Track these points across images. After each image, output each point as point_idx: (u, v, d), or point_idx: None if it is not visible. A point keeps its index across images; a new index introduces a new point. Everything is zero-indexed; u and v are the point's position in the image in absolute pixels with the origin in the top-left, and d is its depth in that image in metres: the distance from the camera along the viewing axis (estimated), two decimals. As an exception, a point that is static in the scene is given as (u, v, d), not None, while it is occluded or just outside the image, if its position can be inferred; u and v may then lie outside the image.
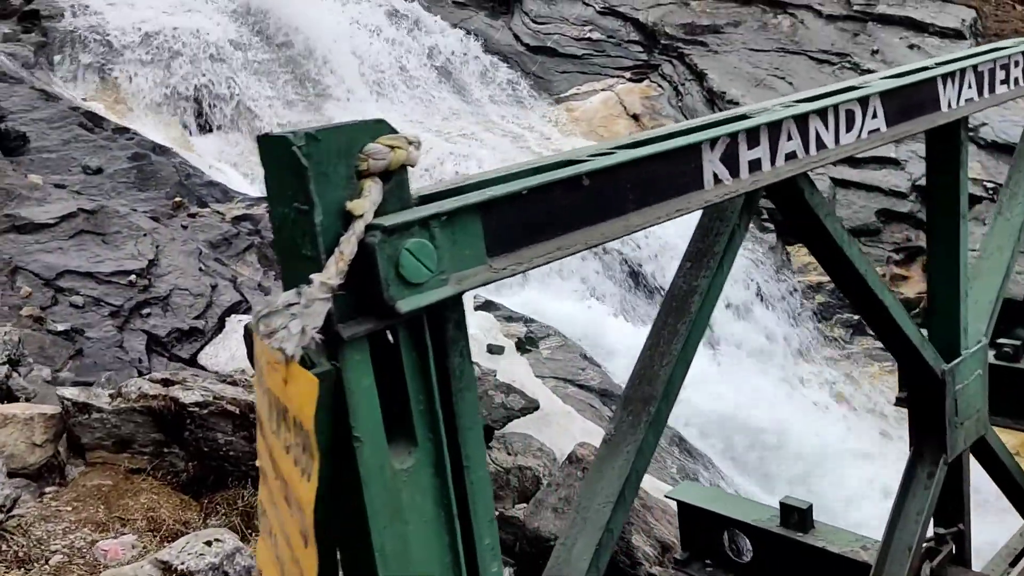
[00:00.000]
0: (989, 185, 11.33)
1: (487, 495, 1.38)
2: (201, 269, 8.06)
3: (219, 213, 9.18)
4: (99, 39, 11.81)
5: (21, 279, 7.31)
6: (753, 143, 1.74)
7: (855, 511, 7.87)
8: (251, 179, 10.59)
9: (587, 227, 1.45)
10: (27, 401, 5.06)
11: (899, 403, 2.92)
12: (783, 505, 2.98)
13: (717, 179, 1.67)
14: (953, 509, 2.79)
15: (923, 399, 2.61)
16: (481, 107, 13.87)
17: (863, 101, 2.02)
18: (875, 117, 2.05)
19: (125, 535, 4.03)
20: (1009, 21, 14.25)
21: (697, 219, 1.97)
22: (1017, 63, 2.61)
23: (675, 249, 10.11)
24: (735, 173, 1.71)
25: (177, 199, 9.17)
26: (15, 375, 5.29)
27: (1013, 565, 3.10)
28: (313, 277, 1.14)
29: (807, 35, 14.26)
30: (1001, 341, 3.24)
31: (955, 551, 2.80)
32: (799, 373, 10.51)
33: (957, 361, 2.58)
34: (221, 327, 7.66)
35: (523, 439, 6.00)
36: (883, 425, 9.81)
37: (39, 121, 9.67)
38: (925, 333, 2.56)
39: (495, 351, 7.97)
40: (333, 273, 1.14)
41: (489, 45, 14.93)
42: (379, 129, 1.22)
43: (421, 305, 1.22)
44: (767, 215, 11.51)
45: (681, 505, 3.23)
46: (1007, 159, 10.78)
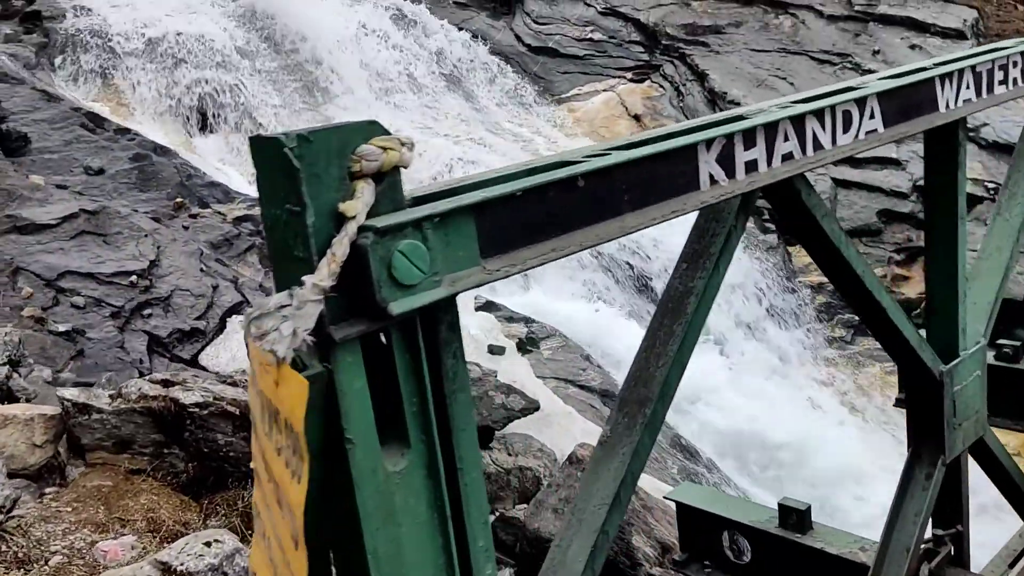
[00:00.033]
0: (990, 185, 11.31)
1: (481, 497, 1.37)
2: (202, 270, 8.07)
3: (220, 214, 9.19)
4: (101, 44, 11.81)
5: (22, 280, 7.32)
6: (749, 144, 1.74)
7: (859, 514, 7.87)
8: (252, 180, 10.55)
9: (582, 228, 1.44)
10: (27, 402, 5.07)
11: (898, 404, 2.91)
12: (781, 506, 2.98)
13: (713, 180, 1.66)
14: (951, 510, 2.79)
15: (921, 400, 2.60)
16: (489, 113, 13.85)
17: (860, 102, 2.01)
18: (872, 118, 2.05)
19: (125, 536, 4.03)
20: (1011, 21, 14.22)
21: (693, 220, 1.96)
22: (1016, 63, 2.60)
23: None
24: (731, 174, 1.70)
25: (178, 200, 9.18)
26: (16, 376, 5.30)
27: (1012, 566, 3.09)
28: (305, 279, 1.13)
29: (808, 35, 14.25)
30: (1000, 342, 3.23)
31: (953, 552, 2.79)
32: (804, 375, 10.48)
33: (956, 362, 2.57)
34: (222, 328, 7.67)
35: (524, 440, 6.00)
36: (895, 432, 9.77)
37: (40, 122, 9.68)
38: (924, 334, 2.56)
39: (496, 352, 7.97)
40: (325, 275, 1.14)
41: (491, 46, 14.94)
42: (372, 130, 1.22)
43: (414, 307, 1.21)
44: (767, 215, 11.50)
45: (680, 506, 3.23)
46: (1008, 159, 10.73)
